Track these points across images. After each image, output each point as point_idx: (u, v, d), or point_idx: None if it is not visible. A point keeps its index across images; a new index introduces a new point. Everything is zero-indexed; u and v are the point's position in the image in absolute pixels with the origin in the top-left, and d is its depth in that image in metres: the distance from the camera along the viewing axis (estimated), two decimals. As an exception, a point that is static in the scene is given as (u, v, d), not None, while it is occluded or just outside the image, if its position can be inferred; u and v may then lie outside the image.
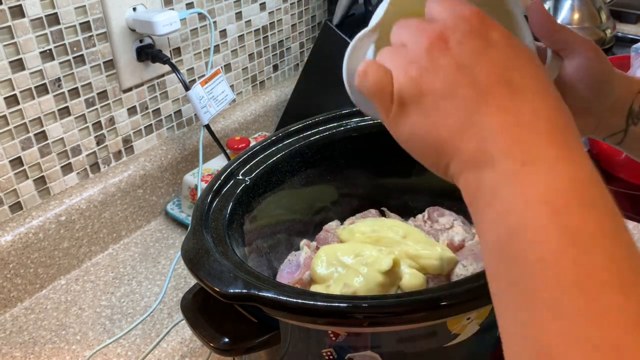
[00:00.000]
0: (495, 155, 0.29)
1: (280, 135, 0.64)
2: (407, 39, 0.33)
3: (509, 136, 0.29)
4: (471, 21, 0.32)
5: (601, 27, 1.33)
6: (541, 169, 0.28)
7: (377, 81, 0.33)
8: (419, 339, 0.45)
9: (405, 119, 0.33)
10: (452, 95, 0.31)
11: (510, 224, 0.28)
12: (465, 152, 0.31)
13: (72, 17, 0.72)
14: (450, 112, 0.31)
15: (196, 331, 0.46)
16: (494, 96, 0.30)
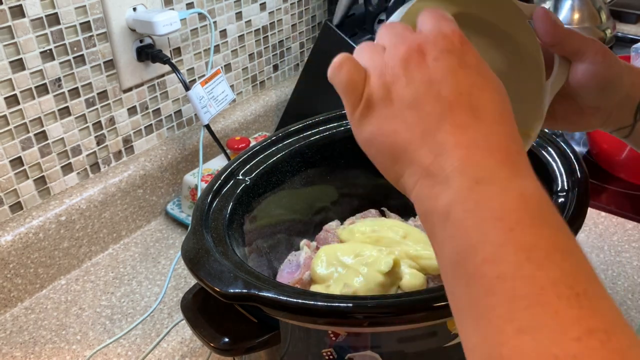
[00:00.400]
0: (450, 173, 0.30)
1: (280, 135, 0.64)
2: (389, 42, 0.35)
3: (465, 155, 0.30)
4: (451, 40, 0.33)
5: (601, 27, 1.33)
6: (494, 188, 0.29)
7: (350, 77, 0.34)
8: (419, 339, 0.45)
9: (369, 119, 0.34)
10: (418, 107, 0.32)
11: (466, 241, 0.28)
12: (421, 164, 0.32)
13: (72, 17, 0.72)
14: (413, 123, 0.32)
15: (196, 331, 0.46)
16: (456, 115, 0.31)
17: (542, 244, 0.27)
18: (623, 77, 0.46)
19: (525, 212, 0.28)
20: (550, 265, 0.26)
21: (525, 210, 0.28)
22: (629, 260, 0.73)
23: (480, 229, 0.28)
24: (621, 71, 0.46)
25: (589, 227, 0.79)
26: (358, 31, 0.91)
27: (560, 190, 0.51)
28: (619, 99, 0.47)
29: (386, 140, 0.33)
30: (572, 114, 0.48)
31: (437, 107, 0.32)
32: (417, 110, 0.32)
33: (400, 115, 0.33)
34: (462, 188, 0.30)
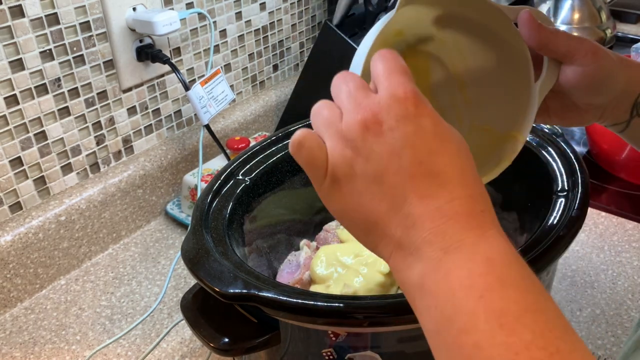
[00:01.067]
0: (420, 244, 0.31)
1: (280, 135, 0.64)
2: (345, 105, 0.35)
3: (431, 225, 0.31)
4: (405, 104, 0.33)
5: (601, 27, 1.33)
6: (461, 256, 0.30)
7: (311, 155, 0.34)
8: (419, 339, 0.44)
9: (337, 194, 0.34)
10: (382, 181, 0.33)
11: (442, 312, 0.30)
12: (392, 238, 0.33)
13: (72, 17, 0.72)
14: (379, 197, 0.33)
15: (196, 331, 0.46)
16: (418, 185, 0.32)
17: (512, 308, 0.28)
18: (617, 74, 0.45)
19: (493, 276, 0.29)
20: (521, 329, 0.27)
21: (492, 274, 0.29)
22: (629, 260, 0.73)
23: (452, 300, 0.29)
24: (614, 69, 0.45)
25: (589, 227, 0.79)
26: (358, 31, 0.91)
27: (561, 190, 0.51)
28: (614, 96, 0.46)
29: (356, 215, 0.34)
30: (566, 110, 0.48)
31: (399, 179, 0.32)
32: (381, 185, 0.33)
33: (365, 190, 0.33)
34: (432, 259, 0.31)
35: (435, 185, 0.32)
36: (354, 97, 0.34)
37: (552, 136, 0.58)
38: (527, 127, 0.45)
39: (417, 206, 0.32)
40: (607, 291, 0.69)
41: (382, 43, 0.43)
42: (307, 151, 0.34)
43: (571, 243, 0.46)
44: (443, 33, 0.45)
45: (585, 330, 0.64)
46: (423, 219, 0.31)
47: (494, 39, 0.45)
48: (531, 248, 0.45)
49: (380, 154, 0.33)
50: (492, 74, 0.47)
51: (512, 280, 0.29)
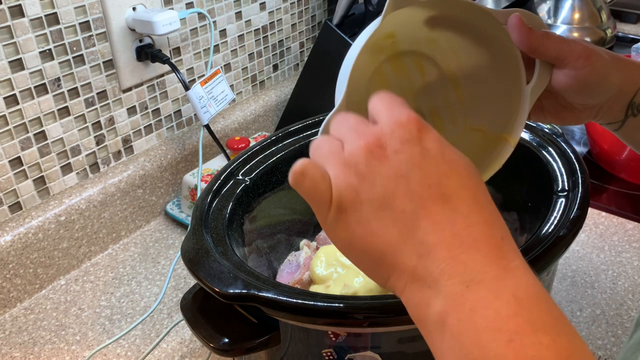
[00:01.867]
0: (437, 276, 0.29)
1: (280, 135, 0.64)
2: (346, 137, 0.33)
3: (449, 254, 0.29)
4: (409, 128, 0.32)
5: (601, 27, 1.32)
6: (485, 292, 0.28)
7: (314, 186, 0.32)
8: (419, 339, 0.44)
9: (343, 224, 0.32)
10: (390, 206, 0.31)
11: (466, 354, 0.27)
12: (405, 268, 0.30)
13: (71, 17, 0.72)
14: (389, 224, 0.31)
15: (196, 331, 0.46)
16: (430, 210, 0.30)
17: (544, 354, 0.26)
18: (611, 76, 0.45)
19: (522, 318, 0.27)
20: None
21: (521, 315, 0.27)
22: (629, 261, 0.73)
23: (479, 343, 0.27)
24: (608, 71, 0.45)
25: (589, 227, 0.79)
26: (358, 31, 0.90)
27: (561, 191, 0.51)
28: (609, 96, 0.46)
29: (365, 245, 0.32)
30: (561, 109, 0.48)
31: (409, 203, 0.30)
32: (390, 209, 0.31)
33: (374, 217, 0.31)
34: (453, 294, 0.28)
35: (448, 209, 0.30)
36: (355, 129, 0.33)
37: (552, 136, 0.58)
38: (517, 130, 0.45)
39: (431, 232, 0.30)
40: (607, 291, 0.69)
41: (373, 45, 0.43)
42: (310, 181, 0.32)
43: (571, 243, 0.46)
44: (435, 33, 0.45)
45: (585, 330, 0.64)
46: (439, 247, 0.29)
47: (486, 40, 0.45)
48: (531, 248, 0.45)
49: (387, 177, 0.31)
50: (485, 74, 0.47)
51: (543, 323, 0.27)
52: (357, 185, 0.31)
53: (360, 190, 0.31)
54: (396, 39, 0.45)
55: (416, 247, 0.30)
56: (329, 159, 0.33)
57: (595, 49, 0.44)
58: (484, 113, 0.47)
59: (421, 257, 0.30)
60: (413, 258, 0.30)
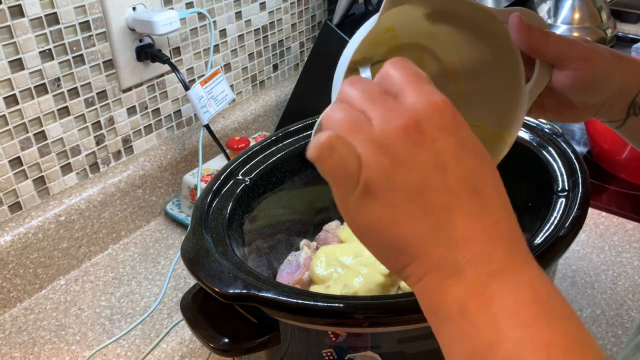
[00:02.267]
0: (462, 265, 0.29)
1: (280, 135, 0.64)
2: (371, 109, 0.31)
3: (477, 247, 0.29)
4: (445, 115, 0.30)
5: (601, 27, 1.32)
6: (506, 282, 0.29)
7: (342, 163, 0.30)
8: (419, 339, 0.44)
9: (367, 207, 0.30)
10: (423, 196, 0.30)
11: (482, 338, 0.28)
12: (430, 259, 0.30)
13: (71, 17, 0.72)
14: (419, 214, 0.30)
15: (196, 331, 0.46)
16: (463, 204, 0.30)
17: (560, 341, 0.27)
18: (612, 76, 0.45)
19: (539, 306, 0.28)
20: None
21: (538, 303, 0.28)
22: (629, 261, 0.73)
23: (495, 327, 0.28)
24: (609, 71, 0.45)
25: (589, 227, 0.79)
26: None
27: (561, 190, 0.51)
28: (610, 95, 0.46)
29: (388, 232, 0.30)
30: (561, 107, 0.48)
31: (444, 196, 0.30)
32: (423, 200, 0.30)
33: (403, 205, 0.30)
34: (476, 283, 0.29)
35: (480, 204, 0.30)
36: (382, 101, 0.31)
37: (553, 136, 0.58)
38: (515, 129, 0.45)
39: (462, 226, 0.30)
40: (607, 291, 0.69)
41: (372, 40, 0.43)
42: (338, 156, 0.29)
43: (571, 243, 0.46)
44: (436, 28, 0.45)
45: (585, 330, 0.64)
46: (468, 240, 0.29)
47: (486, 37, 0.45)
48: (531, 248, 0.45)
49: (425, 165, 0.30)
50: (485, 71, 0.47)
51: (557, 313, 0.29)
52: (391, 169, 0.30)
53: (394, 174, 0.30)
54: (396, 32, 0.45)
55: (445, 239, 0.30)
56: (354, 133, 0.30)
57: (596, 48, 0.44)
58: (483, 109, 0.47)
59: (448, 248, 0.30)
60: (440, 249, 0.30)
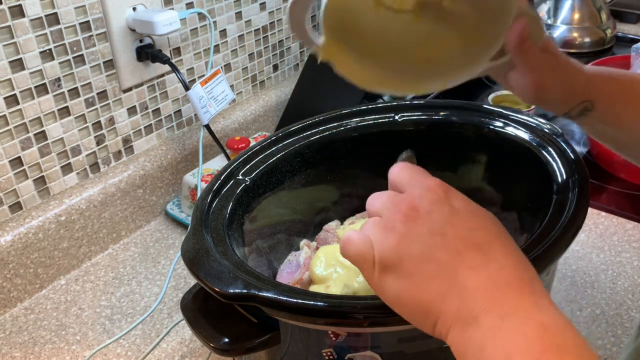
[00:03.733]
0: (477, 313, 0.33)
1: (280, 135, 0.64)
2: (382, 209, 0.38)
3: (486, 295, 0.33)
4: (436, 191, 0.37)
5: (601, 27, 1.32)
6: (517, 321, 0.32)
7: (359, 249, 0.37)
8: (419, 339, 0.44)
9: (388, 281, 0.36)
10: (430, 259, 0.35)
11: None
12: (450, 313, 0.34)
13: (72, 17, 0.72)
14: (431, 275, 0.35)
15: (196, 331, 0.46)
16: (467, 258, 0.34)
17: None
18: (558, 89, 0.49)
19: (548, 340, 0.31)
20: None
21: (547, 338, 0.31)
22: (629, 260, 0.73)
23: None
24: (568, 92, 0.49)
25: (589, 227, 0.79)
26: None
27: (561, 190, 0.51)
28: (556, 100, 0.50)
29: (412, 299, 0.35)
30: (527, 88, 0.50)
31: (447, 254, 0.34)
32: (430, 263, 0.35)
33: (416, 271, 0.35)
34: (491, 327, 0.32)
35: (480, 255, 0.34)
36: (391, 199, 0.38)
37: (552, 136, 0.58)
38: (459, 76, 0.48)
39: (470, 278, 0.34)
40: (607, 291, 0.69)
41: None
42: (355, 246, 0.37)
43: (571, 243, 0.46)
44: None
45: (585, 330, 0.64)
46: (478, 290, 0.33)
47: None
48: (531, 248, 0.45)
49: (423, 235, 0.35)
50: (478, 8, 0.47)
51: (567, 346, 0.31)
52: (396, 244, 0.36)
53: (399, 248, 0.36)
54: None
55: (458, 292, 0.34)
56: (371, 228, 0.38)
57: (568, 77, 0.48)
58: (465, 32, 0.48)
59: (463, 300, 0.33)
60: (455, 302, 0.34)
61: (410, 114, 0.66)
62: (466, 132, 0.64)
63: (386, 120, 0.66)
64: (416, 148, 0.67)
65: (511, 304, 0.32)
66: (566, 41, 1.32)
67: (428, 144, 0.66)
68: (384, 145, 0.67)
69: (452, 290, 0.34)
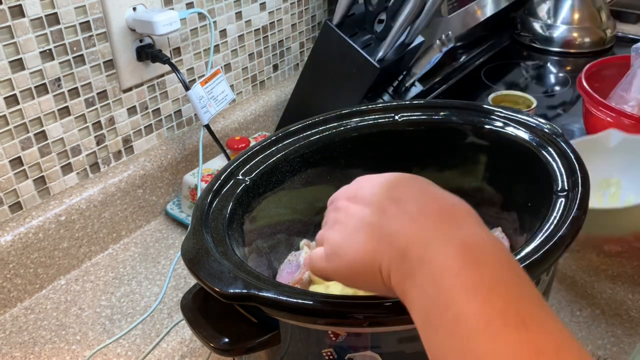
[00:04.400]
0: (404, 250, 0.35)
1: (280, 135, 0.64)
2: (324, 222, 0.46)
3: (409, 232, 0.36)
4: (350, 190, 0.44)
5: (601, 27, 1.32)
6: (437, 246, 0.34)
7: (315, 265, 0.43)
8: (419, 339, 0.44)
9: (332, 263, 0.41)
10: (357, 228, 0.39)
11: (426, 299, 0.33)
12: (385, 260, 0.36)
13: (72, 17, 0.72)
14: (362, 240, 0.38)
15: (196, 331, 0.46)
16: (387, 211, 0.38)
17: (486, 280, 0.31)
18: None
19: (468, 257, 0.32)
20: (495, 298, 0.30)
21: (467, 255, 0.32)
22: (629, 260, 0.73)
23: (434, 285, 0.32)
24: None
25: (589, 227, 0.79)
26: (358, 31, 0.90)
27: (561, 190, 0.51)
28: None
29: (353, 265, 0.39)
30: None
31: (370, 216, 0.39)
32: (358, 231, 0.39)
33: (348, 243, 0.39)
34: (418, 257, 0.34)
35: (400, 205, 0.38)
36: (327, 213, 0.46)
37: (552, 136, 0.58)
38: None
39: (392, 225, 0.37)
40: (607, 291, 0.69)
41: None
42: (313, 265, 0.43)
43: (572, 243, 0.46)
44: None
45: (585, 330, 0.64)
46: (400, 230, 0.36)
47: None
48: (531, 248, 0.45)
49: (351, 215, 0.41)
50: None
51: (486, 260, 0.32)
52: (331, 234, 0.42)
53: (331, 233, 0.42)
54: None
55: (386, 239, 0.37)
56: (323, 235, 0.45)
57: None
58: None
59: (391, 244, 0.36)
60: (386, 248, 0.36)
61: (410, 114, 0.66)
62: (466, 132, 0.64)
63: (386, 120, 0.66)
64: (416, 148, 0.67)
65: (431, 232, 0.35)
66: (566, 41, 1.32)
67: (428, 144, 0.66)
68: (384, 145, 0.67)
69: (381, 241, 0.37)
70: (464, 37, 1.27)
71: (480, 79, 1.23)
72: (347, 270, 0.39)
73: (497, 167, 0.62)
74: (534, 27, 1.36)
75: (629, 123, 0.81)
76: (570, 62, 1.31)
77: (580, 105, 0.93)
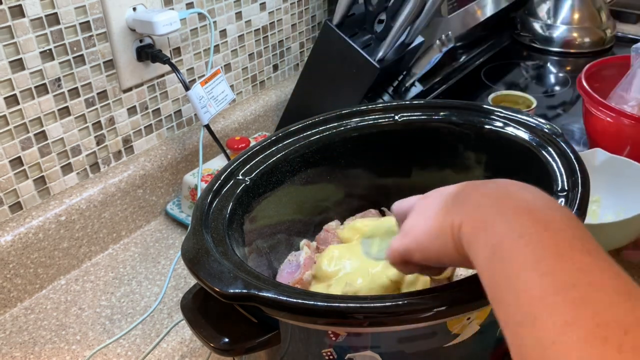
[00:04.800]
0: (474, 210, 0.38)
1: (280, 135, 0.64)
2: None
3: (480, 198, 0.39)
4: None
5: (601, 27, 1.32)
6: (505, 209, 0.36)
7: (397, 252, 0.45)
8: (419, 339, 0.44)
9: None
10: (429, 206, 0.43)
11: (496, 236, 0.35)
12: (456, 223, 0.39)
13: (72, 17, 0.72)
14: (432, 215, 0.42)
15: (196, 331, 0.46)
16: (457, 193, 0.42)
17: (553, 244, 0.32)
18: None
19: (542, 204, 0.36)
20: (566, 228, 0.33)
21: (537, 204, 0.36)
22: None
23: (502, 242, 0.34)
24: None
25: (589, 227, 0.79)
26: (358, 31, 0.90)
27: (561, 190, 0.51)
28: None
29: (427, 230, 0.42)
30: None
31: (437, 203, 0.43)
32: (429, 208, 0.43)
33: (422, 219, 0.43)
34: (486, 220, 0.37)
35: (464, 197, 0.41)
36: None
37: (552, 136, 0.58)
38: None
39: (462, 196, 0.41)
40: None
41: None
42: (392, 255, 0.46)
43: (571, 243, 0.46)
44: None
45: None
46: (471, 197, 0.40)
47: None
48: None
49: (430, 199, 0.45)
50: None
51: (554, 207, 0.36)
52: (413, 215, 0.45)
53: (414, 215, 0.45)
54: None
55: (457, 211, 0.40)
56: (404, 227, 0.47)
57: None
58: None
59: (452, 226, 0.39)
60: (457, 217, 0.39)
61: (410, 114, 0.66)
62: (466, 132, 0.64)
63: (386, 120, 0.66)
64: (416, 148, 0.67)
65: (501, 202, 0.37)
66: (566, 41, 1.32)
67: (428, 144, 0.66)
68: (384, 145, 0.67)
69: (454, 206, 0.40)
70: (464, 37, 1.27)
71: (480, 79, 1.23)
72: (423, 236, 0.42)
73: (497, 167, 0.62)
74: (534, 27, 1.36)
75: (629, 123, 0.81)
76: (570, 62, 1.31)
77: (580, 105, 0.93)
